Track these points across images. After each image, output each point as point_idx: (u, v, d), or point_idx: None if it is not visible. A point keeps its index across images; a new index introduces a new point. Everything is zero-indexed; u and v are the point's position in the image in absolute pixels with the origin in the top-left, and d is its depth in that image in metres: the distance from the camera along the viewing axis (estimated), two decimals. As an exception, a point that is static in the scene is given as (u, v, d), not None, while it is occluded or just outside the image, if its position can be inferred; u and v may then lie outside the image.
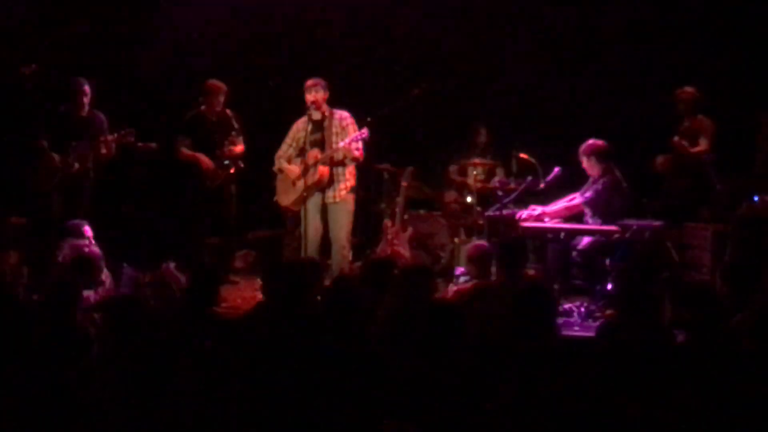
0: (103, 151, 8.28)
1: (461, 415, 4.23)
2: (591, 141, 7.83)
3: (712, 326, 4.57)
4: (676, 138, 8.38)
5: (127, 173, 8.83)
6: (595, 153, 7.77)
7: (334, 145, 7.92)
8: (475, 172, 9.28)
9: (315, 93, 7.95)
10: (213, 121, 8.58)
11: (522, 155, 8.84)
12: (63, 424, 4.25)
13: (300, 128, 8.12)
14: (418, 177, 9.45)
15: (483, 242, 7.52)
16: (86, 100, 8.39)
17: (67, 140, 8.30)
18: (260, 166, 8.69)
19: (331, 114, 8.03)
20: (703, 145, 8.35)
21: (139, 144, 8.41)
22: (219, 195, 8.63)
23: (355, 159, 8.02)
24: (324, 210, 8.04)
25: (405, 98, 8.54)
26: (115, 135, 8.28)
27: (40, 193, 8.29)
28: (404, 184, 9.13)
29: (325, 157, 7.91)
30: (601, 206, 7.75)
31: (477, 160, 9.33)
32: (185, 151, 8.57)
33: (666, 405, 4.11)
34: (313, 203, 8.03)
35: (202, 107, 8.60)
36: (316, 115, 8.04)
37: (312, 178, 7.93)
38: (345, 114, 8.06)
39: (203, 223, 8.71)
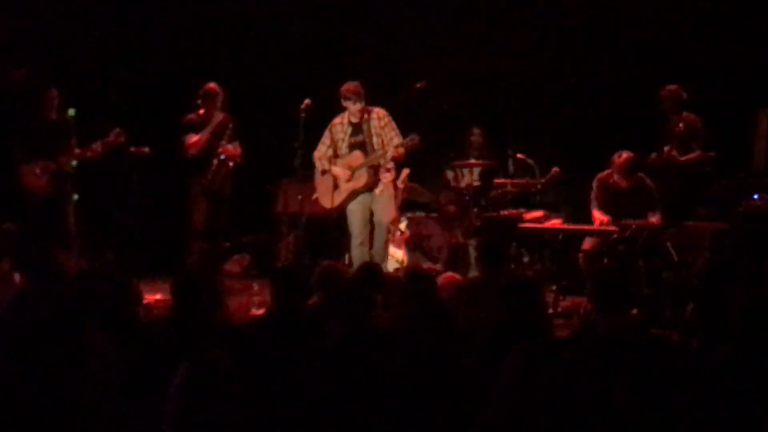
0: (88, 154, 8.19)
1: (455, 418, 4.17)
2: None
3: (708, 324, 4.52)
4: (667, 148, 8.28)
5: (119, 178, 8.68)
6: None
7: (375, 146, 8.00)
8: (471, 174, 9.21)
9: (357, 103, 7.94)
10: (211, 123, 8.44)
11: (519, 155, 8.81)
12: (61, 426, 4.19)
13: (338, 129, 8.13)
14: (414, 179, 9.39)
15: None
16: (52, 105, 8.19)
17: (44, 147, 8.13)
18: (255, 172, 8.63)
19: (369, 115, 8.05)
20: (695, 149, 8.29)
21: (131, 149, 8.30)
22: (216, 197, 8.48)
23: (396, 159, 8.08)
24: (369, 199, 8.12)
25: (408, 91, 8.43)
26: (99, 142, 8.15)
27: (31, 200, 8.20)
28: (400, 186, 9.08)
29: (369, 161, 8.00)
30: None
31: (473, 161, 9.24)
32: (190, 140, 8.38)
33: (660, 405, 4.06)
34: (358, 199, 8.12)
35: (201, 111, 8.46)
36: (355, 118, 8.05)
37: (358, 181, 8.04)
38: (382, 113, 8.08)
39: (198, 225, 8.58)
